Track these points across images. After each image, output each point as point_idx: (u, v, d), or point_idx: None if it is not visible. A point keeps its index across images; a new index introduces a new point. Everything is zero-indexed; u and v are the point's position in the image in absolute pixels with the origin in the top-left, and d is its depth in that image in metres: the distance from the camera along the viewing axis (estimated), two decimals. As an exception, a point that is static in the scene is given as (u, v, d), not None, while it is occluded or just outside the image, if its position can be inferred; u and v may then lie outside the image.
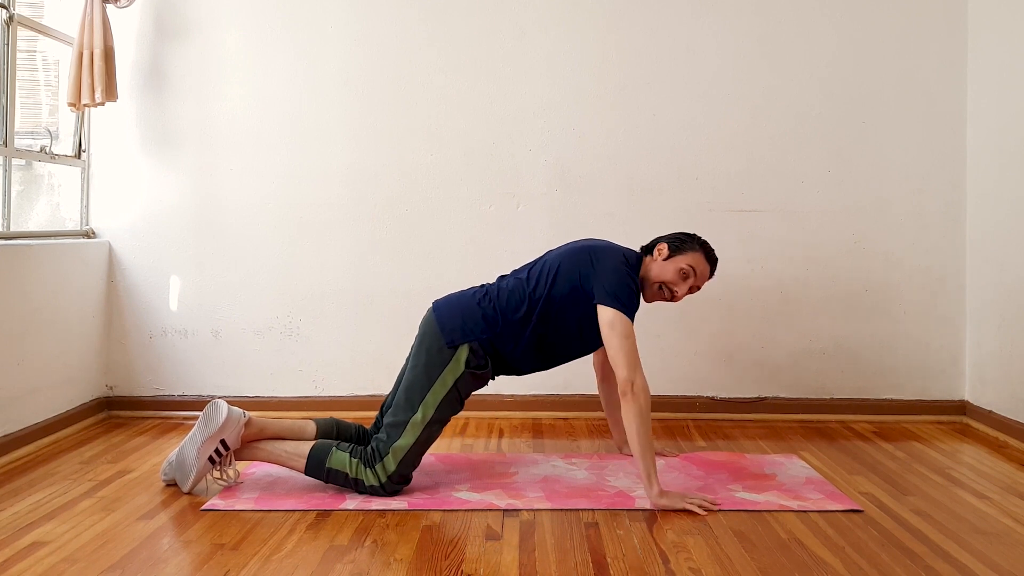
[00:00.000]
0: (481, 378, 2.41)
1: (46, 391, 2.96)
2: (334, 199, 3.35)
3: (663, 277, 2.45)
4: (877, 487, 2.45)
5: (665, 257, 2.45)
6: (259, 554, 1.95)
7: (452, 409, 2.38)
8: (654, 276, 2.46)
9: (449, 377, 2.35)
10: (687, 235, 2.51)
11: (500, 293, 2.44)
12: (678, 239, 2.49)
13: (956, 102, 3.33)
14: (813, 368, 3.35)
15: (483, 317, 2.39)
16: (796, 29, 3.33)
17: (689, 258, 2.45)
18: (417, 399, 2.34)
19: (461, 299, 2.47)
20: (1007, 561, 1.92)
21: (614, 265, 2.38)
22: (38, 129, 3.39)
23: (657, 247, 2.48)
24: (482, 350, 2.37)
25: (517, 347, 2.40)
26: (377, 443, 2.35)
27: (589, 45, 3.34)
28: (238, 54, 3.35)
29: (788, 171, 3.34)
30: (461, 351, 2.36)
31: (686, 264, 2.44)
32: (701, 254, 2.47)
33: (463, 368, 2.35)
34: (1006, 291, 3.07)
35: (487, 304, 2.41)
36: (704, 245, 2.50)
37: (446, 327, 2.39)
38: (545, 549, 1.99)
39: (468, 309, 2.42)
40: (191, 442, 2.34)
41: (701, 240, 2.51)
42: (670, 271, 2.44)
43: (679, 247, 2.46)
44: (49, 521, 2.15)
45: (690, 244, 2.47)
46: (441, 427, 2.38)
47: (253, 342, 3.36)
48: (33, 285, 2.89)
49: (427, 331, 2.43)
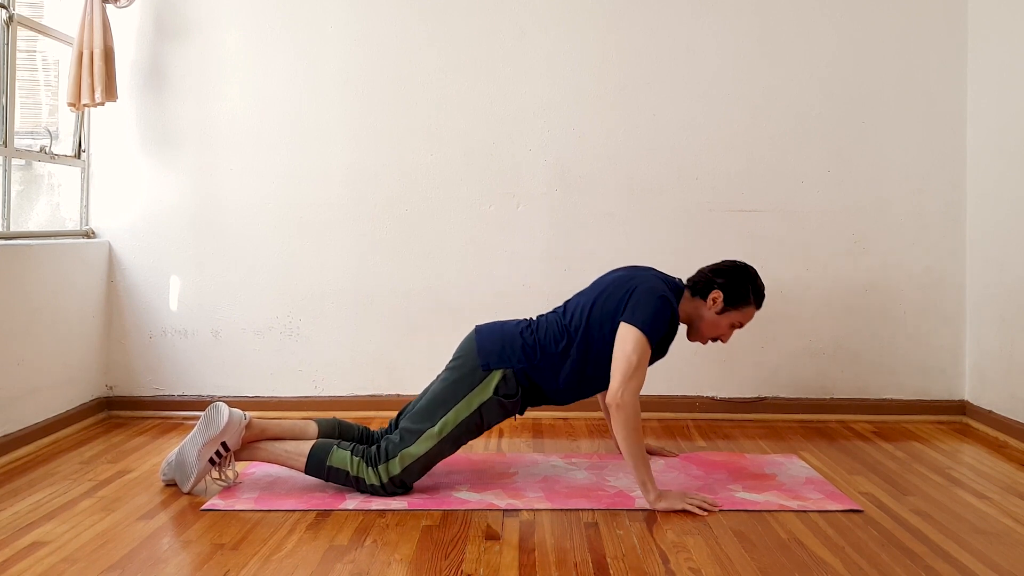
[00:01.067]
0: (507, 408, 2.37)
1: (46, 391, 2.96)
2: (334, 199, 3.35)
3: (714, 331, 2.43)
4: (877, 487, 2.45)
5: (719, 310, 2.40)
6: (259, 554, 1.95)
7: (470, 432, 2.36)
8: (705, 329, 2.44)
9: (475, 399, 2.33)
10: (744, 285, 2.41)
11: (540, 326, 2.42)
12: (735, 291, 2.40)
13: (956, 102, 3.33)
14: (813, 368, 3.35)
15: (523, 347, 2.37)
16: (796, 29, 3.33)
17: (744, 315, 2.42)
18: (439, 413, 2.33)
19: (504, 327, 2.45)
20: (1007, 561, 1.92)
21: (650, 292, 2.32)
22: (38, 129, 3.39)
23: (712, 295, 2.41)
24: (515, 380, 2.35)
25: (557, 379, 2.38)
26: (388, 443, 2.34)
27: (589, 45, 3.34)
28: (238, 54, 3.35)
29: (788, 171, 3.34)
30: (493, 376, 2.34)
31: (740, 320, 2.43)
32: (754, 308, 2.43)
33: (491, 394, 2.33)
34: (1006, 291, 3.07)
35: (528, 335, 2.40)
36: (759, 296, 2.43)
37: (484, 349, 2.37)
38: (545, 549, 1.99)
39: (509, 337, 2.40)
40: (192, 443, 2.34)
41: (758, 290, 2.43)
42: (723, 326, 2.43)
43: (735, 301, 2.40)
44: (49, 521, 2.15)
45: (747, 300, 2.40)
46: (454, 447, 2.36)
47: (253, 342, 3.36)
48: (33, 285, 2.89)
49: (465, 351, 2.42)
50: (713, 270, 2.46)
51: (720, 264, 2.49)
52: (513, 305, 3.34)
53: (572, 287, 3.30)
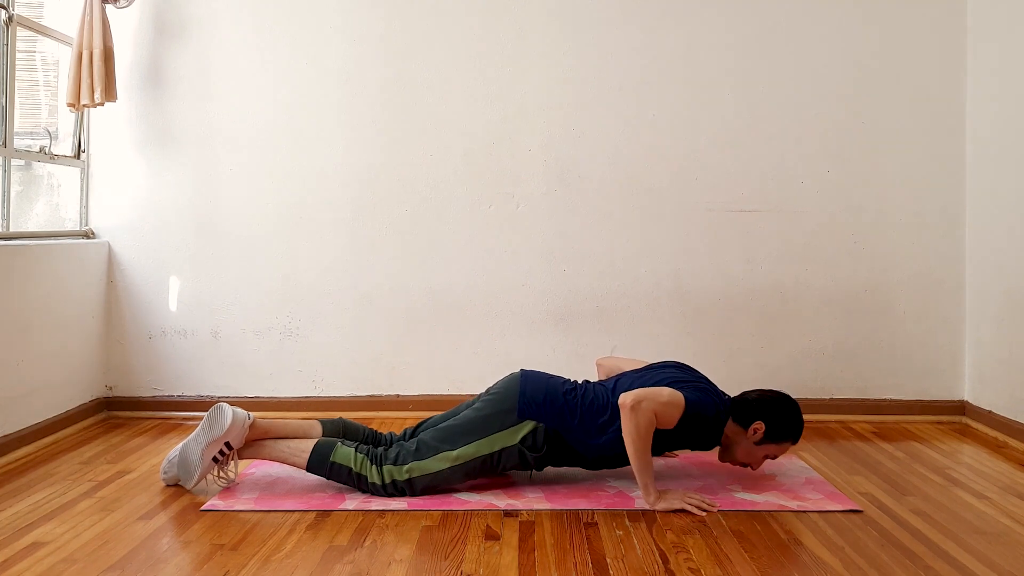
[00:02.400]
0: (527, 460, 2.35)
1: (45, 391, 2.96)
2: (334, 199, 3.35)
3: (749, 458, 2.41)
4: (876, 487, 2.45)
5: (758, 441, 2.37)
6: (259, 554, 1.95)
7: (483, 470, 2.35)
8: (741, 455, 2.42)
9: (499, 441, 2.33)
10: (785, 416, 2.37)
11: (587, 393, 2.41)
12: (777, 424, 2.36)
13: (956, 102, 3.33)
14: (813, 368, 3.35)
15: (562, 407, 2.36)
16: (796, 29, 3.33)
17: (781, 449, 2.40)
18: (462, 440, 2.32)
19: (551, 382, 2.44)
20: (1006, 561, 1.92)
21: (705, 394, 2.33)
22: (37, 129, 3.39)
23: (754, 425, 2.36)
24: (544, 436, 2.34)
25: (589, 448, 2.36)
26: (402, 449, 2.34)
27: (589, 45, 3.33)
28: (238, 54, 3.35)
29: (788, 171, 3.34)
30: (525, 425, 2.33)
31: (776, 454, 2.41)
32: (790, 443, 2.40)
33: (516, 441, 2.32)
34: (1006, 291, 3.07)
35: (572, 397, 2.38)
36: (798, 430, 2.39)
37: (526, 396, 2.36)
38: (545, 549, 1.99)
39: (553, 392, 2.39)
40: (195, 443, 2.34)
41: (798, 421, 2.39)
42: (759, 457, 2.41)
43: (776, 436, 2.37)
44: (49, 521, 2.15)
45: (786, 433, 2.37)
46: (465, 478, 2.35)
47: (252, 342, 3.36)
48: (33, 285, 2.89)
49: (506, 389, 2.40)
50: (759, 400, 2.42)
51: (766, 394, 2.44)
52: (512, 305, 3.34)
53: (572, 287, 3.33)
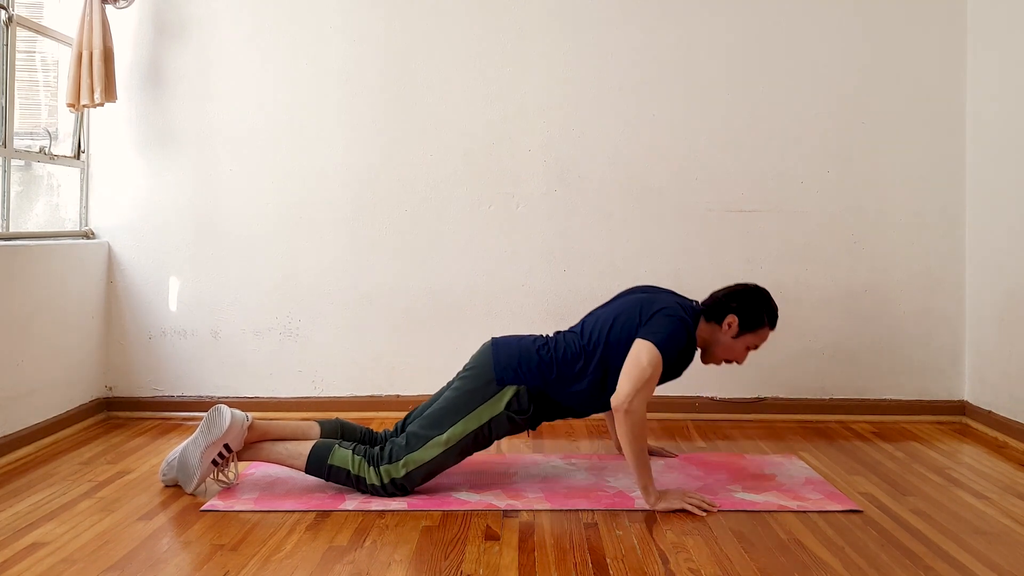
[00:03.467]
0: (518, 424, 2.37)
1: (45, 392, 2.96)
2: (333, 199, 3.35)
3: (729, 354, 2.44)
4: (876, 487, 2.45)
5: (735, 334, 2.41)
6: (258, 555, 1.95)
7: (477, 444, 2.36)
8: (721, 352, 2.44)
9: (485, 413, 2.33)
10: (755, 303, 2.41)
11: (558, 344, 2.41)
12: (750, 315, 2.40)
13: (956, 102, 3.32)
14: (812, 368, 3.35)
15: (538, 365, 2.36)
16: (796, 29, 3.33)
17: (759, 337, 2.43)
18: (448, 422, 2.33)
19: (522, 342, 2.44)
20: (1006, 561, 1.92)
21: (669, 316, 2.33)
22: (37, 130, 3.39)
23: (727, 320, 2.40)
24: (528, 396, 2.34)
25: (572, 397, 2.38)
26: (393, 446, 2.34)
27: (589, 45, 3.33)
28: (237, 54, 3.35)
29: (788, 171, 3.34)
30: (506, 391, 2.34)
31: (755, 343, 2.43)
32: (768, 330, 2.43)
33: (502, 409, 2.33)
34: (1005, 291, 3.07)
35: (545, 352, 2.39)
36: (773, 317, 2.43)
37: (500, 364, 2.37)
38: (545, 550, 1.99)
39: (526, 353, 2.39)
40: (194, 445, 2.34)
41: (770, 307, 2.43)
42: (739, 350, 2.43)
43: (750, 326, 2.40)
44: (48, 522, 2.15)
45: (761, 323, 2.41)
46: (459, 458, 2.36)
47: (252, 342, 3.36)
48: (32, 286, 2.89)
49: (480, 362, 2.41)
50: (727, 294, 2.45)
51: (733, 288, 2.48)
52: (512, 305, 3.34)
53: (571, 287, 3.33)
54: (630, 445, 2.23)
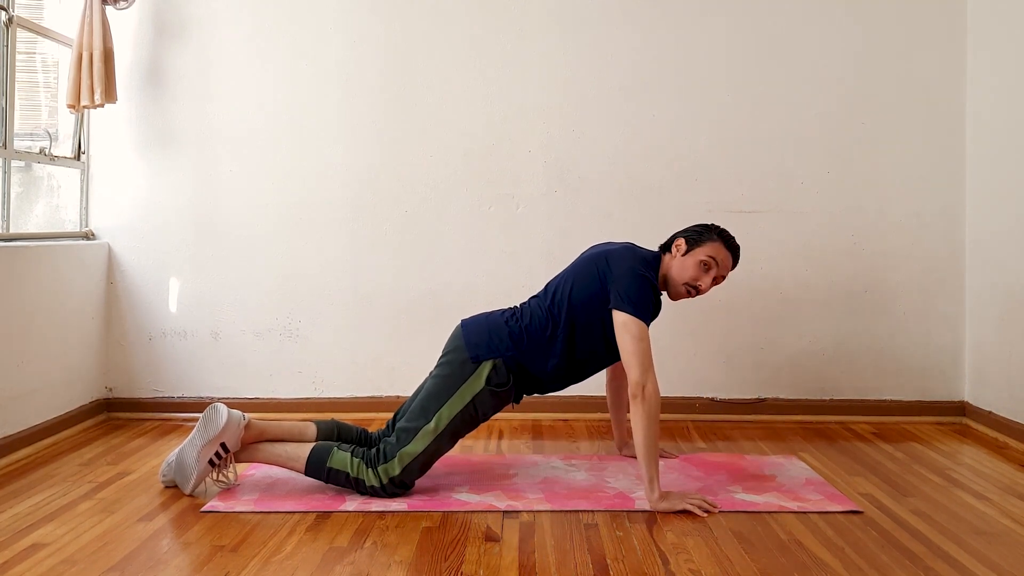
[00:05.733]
0: (501, 397, 2.38)
1: (45, 393, 2.96)
2: (333, 200, 3.35)
3: (685, 275, 2.42)
4: (877, 488, 2.45)
5: (684, 253, 2.43)
6: (259, 556, 1.95)
7: (466, 425, 2.37)
8: (676, 275, 2.44)
9: (468, 392, 2.34)
10: (704, 226, 2.48)
11: (525, 313, 2.44)
12: (695, 232, 2.46)
13: (956, 102, 3.33)
14: (812, 369, 3.35)
15: (509, 335, 2.38)
16: (796, 29, 3.33)
17: (708, 249, 2.42)
18: (433, 409, 2.34)
19: (489, 318, 2.46)
20: (1006, 562, 1.92)
21: (630, 267, 2.35)
22: (37, 131, 3.39)
23: (675, 243, 2.47)
24: (505, 368, 2.36)
25: (546, 364, 2.39)
26: (385, 445, 2.34)
27: (589, 46, 3.33)
28: (237, 55, 3.35)
29: (788, 172, 3.34)
30: (484, 367, 2.35)
31: (705, 256, 2.41)
32: (720, 243, 2.43)
33: (483, 384, 2.34)
34: (1006, 291, 3.07)
35: (514, 323, 2.41)
36: (722, 233, 2.46)
37: (472, 342, 2.38)
38: (545, 550, 1.99)
39: (495, 327, 2.41)
40: (191, 445, 2.34)
41: (719, 229, 2.47)
42: (690, 266, 2.42)
43: (697, 240, 2.43)
44: (49, 523, 2.15)
45: (708, 235, 2.44)
46: (452, 442, 2.37)
47: (252, 343, 3.36)
48: (33, 287, 2.89)
49: (453, 345, 2.42)
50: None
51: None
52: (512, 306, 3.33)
53: (572, 288, 3.32)
54: (644, 431, 2.23)
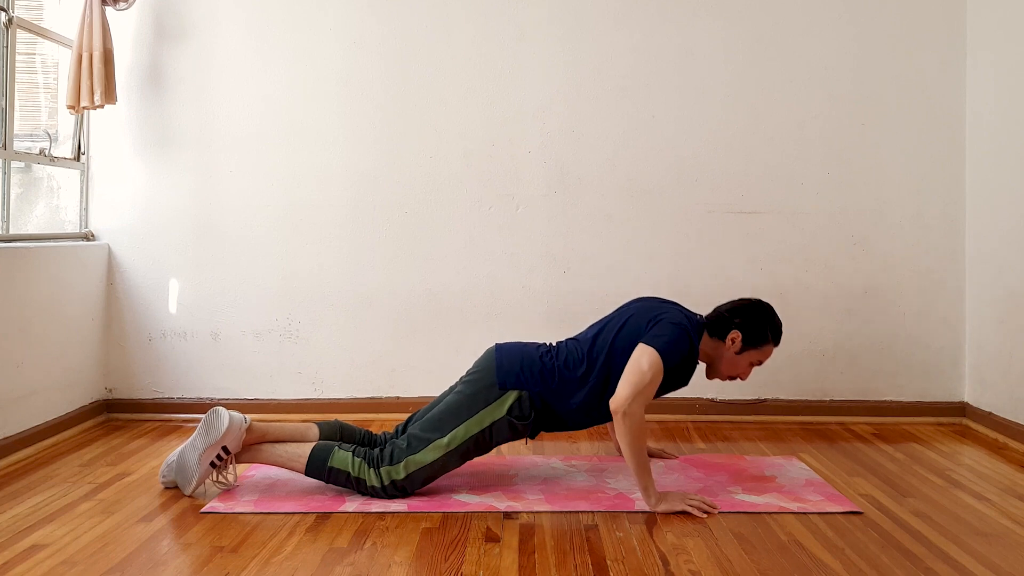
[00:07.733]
0: (519, 430, 2.37)
1: (45, 393, 2.96)
2: (333, 201, 3.35)
3: (734, 370, 2.42)
4: (877, 489, 2.45)
5: (738, 350, 2.39)
6: (259, 557, 1.95)
7: (477, 449, 2.37)
8: (724, 368, 2.43)
9: (487, 417, 2.34)
10: (759, 319, 2.40)
11: (560, 352, 2.43)
12: (754, 329, 2.38)
13: (956, 103, 3.33)
14: (813, 370, 3.35)
15: (541, 371, 2.37)
16: (795, 30, 3.33)
17: (762, 353, 2.41)
18: (450, 425, 2.33)
19: (525, 348, 2.45)
20: (1006, 562, 1.92)
21: (672, 323, 2.33)
22: (37, 132, 3.39)
23: (730, 335, 2.39)
24: (529, 402, 2.35)
25: (572, 404, 2.38)
26: (394, 447, 2.34)
27: (588, 46, 3.34)
28: (237, 56, 3.35)
29: (788, 173, 3.34)
30: (508, 396, 2.34)
31: (759, 359, 2.42)
32: (772, 346, 2.42)
33: (504, 414, 2.34)
34: (1006, 292, 3.07)
35: (548, 359, 2.40)
36: (776, 331, 2.41)
37: (503, 368, 2.37)
38: (545, 551, 1.99)
39: (529, 359, 2.40)
40: (192, 448, 2.34)
41: (773, 323, 2.41)
42: (743, 365, 2.42)
43: (754, 341, 2.39)
44: (48, 524, 2.15)
45: (764, 336, 2.39)
46: (460, 461, 2.37)
47: (252, 344, 3.36)
48: (33, 288, 2.89)
49: (483, 367, 2.42)
50: (730, 310, 2.44)
51: (737, 303, 2.47)
52: (512, 307, 3.34)
53: (571, 289, 3.33)
54: (628, 447, 2.23)
